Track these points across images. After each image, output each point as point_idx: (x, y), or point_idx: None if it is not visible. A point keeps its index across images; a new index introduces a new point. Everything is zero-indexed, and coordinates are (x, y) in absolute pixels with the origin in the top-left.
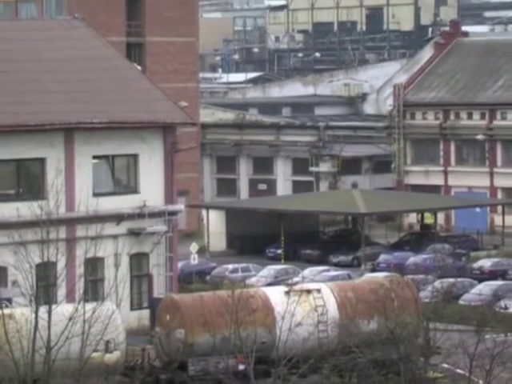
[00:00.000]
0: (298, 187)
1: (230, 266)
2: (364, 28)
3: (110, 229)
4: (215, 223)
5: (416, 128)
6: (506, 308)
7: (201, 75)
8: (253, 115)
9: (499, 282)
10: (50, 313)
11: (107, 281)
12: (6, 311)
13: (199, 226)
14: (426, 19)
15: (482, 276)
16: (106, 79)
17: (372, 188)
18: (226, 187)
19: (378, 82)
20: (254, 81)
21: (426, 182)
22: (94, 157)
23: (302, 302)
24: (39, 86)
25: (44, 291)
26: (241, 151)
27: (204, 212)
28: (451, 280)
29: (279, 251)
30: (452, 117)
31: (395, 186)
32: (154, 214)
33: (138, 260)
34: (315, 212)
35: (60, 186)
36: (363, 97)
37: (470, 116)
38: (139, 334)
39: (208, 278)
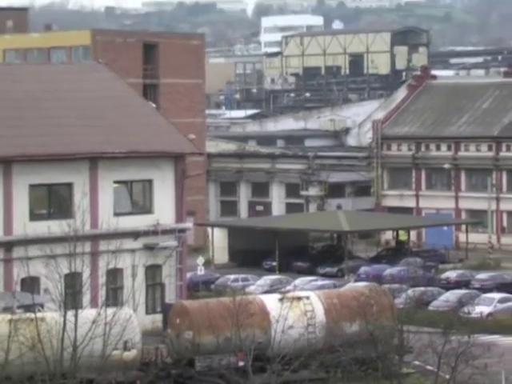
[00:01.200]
0: (290, 208)
1: (232, 277)
2: (347, 72)
3: (128, 244)
4: (219, 239)
5: (392, 158)
6: (469, 313)
7: (207, 112)
8: (251, 146)
9: (463, 291)
10: (76, 316)
11: (126, 289)
12: (39, 315)
13: (205, 241)
14: (400, 64)
15: (449, 285)
16: (125, 115)
17: (354, 209)
18: (229, 208)
19: (359, 118)
20: (252, 117)
21: (401, 204)
22: (115, 182)
23: (294, 307)
24: (68, 120)
25: (71, 298)
26: (241, 177)
27: (209, 230)
28: (422, 289)
29: (274, 263)
30: (423, 148)
31: (374, 207)
32: (166, 231)
33: (153, 271)
34: (305, 230)
35: (85, 206)
36: (346, 131)
37: (438, 148)
38: (153, 334)
39: (213, 286)
